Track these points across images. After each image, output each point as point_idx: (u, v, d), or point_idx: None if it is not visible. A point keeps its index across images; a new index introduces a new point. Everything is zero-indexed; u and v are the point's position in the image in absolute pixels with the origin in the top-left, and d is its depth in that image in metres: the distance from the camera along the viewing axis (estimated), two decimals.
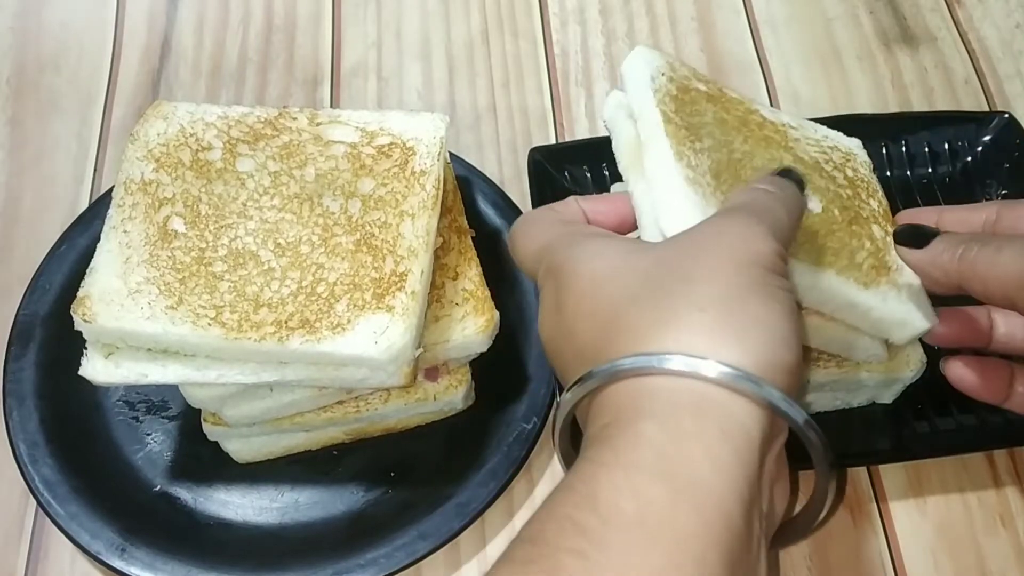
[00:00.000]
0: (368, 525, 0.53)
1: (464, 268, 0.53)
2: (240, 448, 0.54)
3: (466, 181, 0.61)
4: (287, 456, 0.55)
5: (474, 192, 0.61)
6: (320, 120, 0.53)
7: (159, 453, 0.55)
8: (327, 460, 0.56)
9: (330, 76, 0.72)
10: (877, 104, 0.71)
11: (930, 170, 0.65)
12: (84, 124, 0.70)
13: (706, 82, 0.50)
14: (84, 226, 0.60)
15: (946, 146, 0.65)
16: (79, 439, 0.55)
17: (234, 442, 0.54)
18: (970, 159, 0.64)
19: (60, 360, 0.54)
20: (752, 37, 0.75)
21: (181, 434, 0.56)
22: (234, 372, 0.47)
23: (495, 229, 0.60)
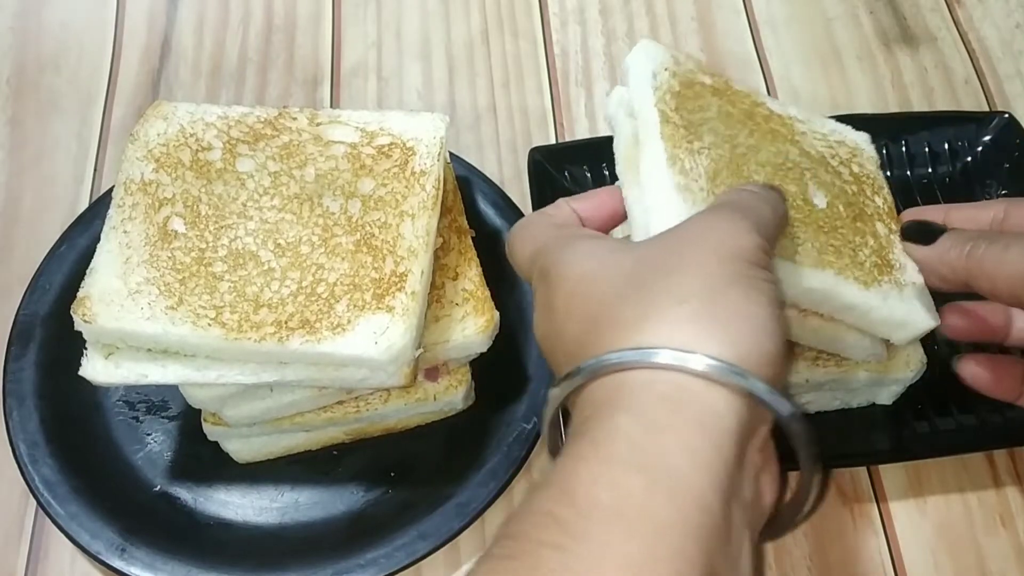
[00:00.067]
0: (368, 525, 0.53)
1: (464, 268, 0.53)
2: (240, 448, 0.54)
3: (466, 181, 0.61)
4: (287, 456, 0.55)
5: (474, 192, 0.62)
6: (320, 120, 0.53)
7: (159, 453, 0.55)
8: (327, 460, 0.56)
9: (330, 76, 0.72)
10: (877, 104, 0.71)
11: (930, 170, 0.65)
12: (84, 124, 0.70)
13: (712, 75, 0.49)
14: (84, 226, 0.60)
15: (946, 146, 0.65)
16: (79, 439, 0.55)
17: (234, 442, 0.54)
18: (970, 159, 0.64)
19: (60, 360, 0.54)
20: (752, 37, 0.75)
21: (181, 434, 0.56)
22: (234, 372, 0.47)
23: (495, 229, 0.60)
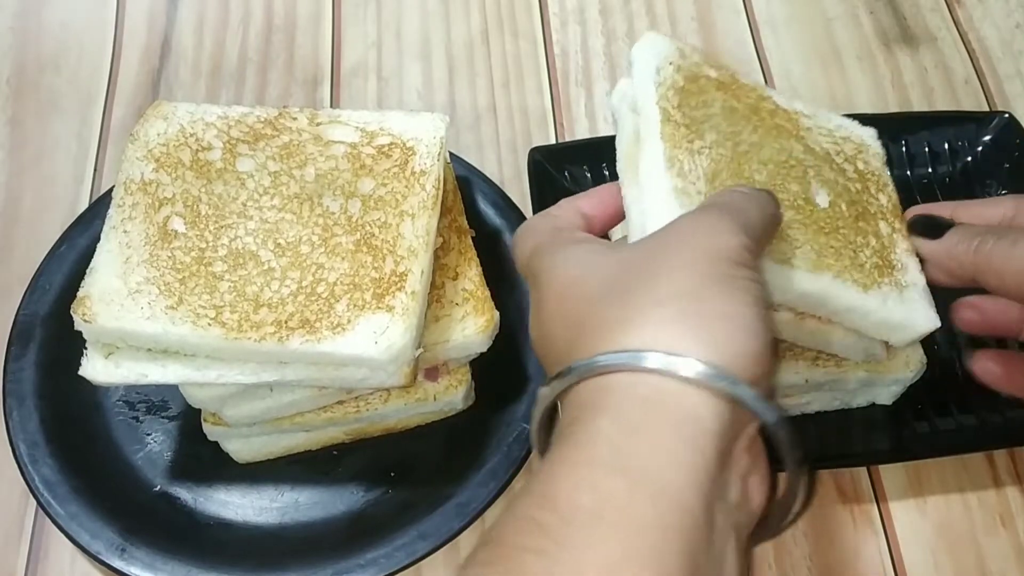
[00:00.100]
0: (368, 525, 0.53)
1: (464, 268, 0.53)
2: (240, 448, 0.54)
3: (466, 181, 0.61)
4: (287, 456, 0.55)
5: (474, 192, 0.61)
6: (320, 120, 0.53)
7: (159, 453, 0.55)
8: (327, 460, 0.56)
9: (330, 76, 0.72)
10: (877, 104, 0.71)
11: (930, 170, 0.65)
12: (84, 124, 0.70)
13: (718, 68, 0.49)
14: (84, 226, 0.60)
15: (946, 146, 0.65)
16: (79, 439, 0.55)
17: (234, 442, 0.54)
18: (970, 159, 0.64)
19: (60, 360, 0.54)
20: (752, 37, 0.75)
21: (181, 434, 0.56)
22: (234, 372, 0.47)
23: (495, 229, 0.60)
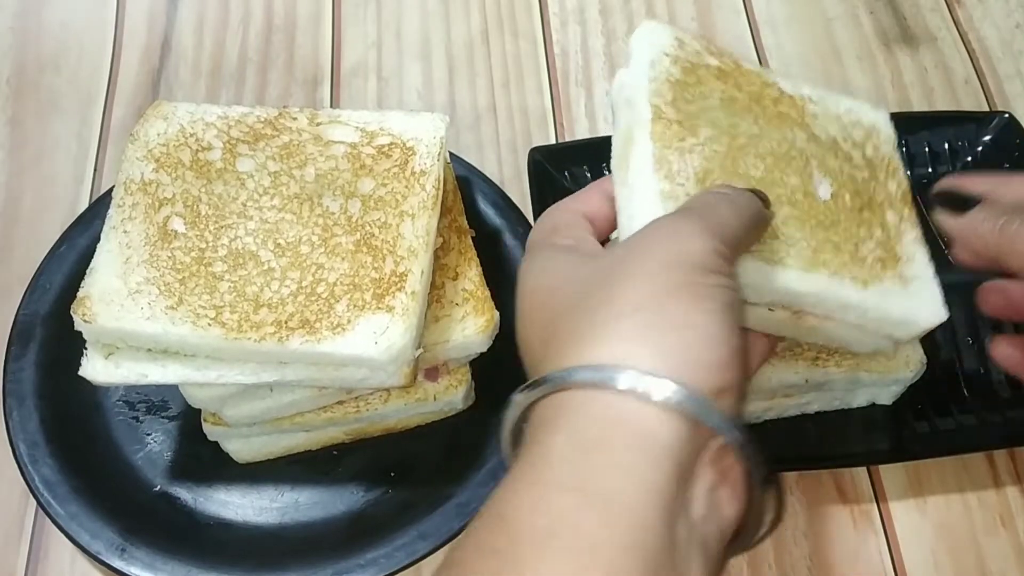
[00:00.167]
0: (368, 525, 0.53)
1: (464, 268, 0.53)
2: (240, 448, 0.54)
3: (466, 181, 0.61)
4: (287, 456, 0.55)
5: (474, 192, 0.61)
6: (320, 120, 0.53)
7: (159, 453, 0.55)
8: (327, 460, 0.56)
9: (330, 76, 0.72)
10: (877, 104, 0.71)
11: (930, 170, 0.65)
12: (84, 124, 0.70)
13: (720, 56, 0.48)
14: (84, 226, 0.60)
15: (946, 146, 0.65)
16: (79, 439, 0.55)
17: (234, 442, 0.54)
18: (970, 159, 0.64)
19: (60, 360, 0.54)
20: (752, 37, 0.75)
21: (181, 434, 0.56)
22: (234, 372, 0.47)
23: (495, 229, 0.60)
